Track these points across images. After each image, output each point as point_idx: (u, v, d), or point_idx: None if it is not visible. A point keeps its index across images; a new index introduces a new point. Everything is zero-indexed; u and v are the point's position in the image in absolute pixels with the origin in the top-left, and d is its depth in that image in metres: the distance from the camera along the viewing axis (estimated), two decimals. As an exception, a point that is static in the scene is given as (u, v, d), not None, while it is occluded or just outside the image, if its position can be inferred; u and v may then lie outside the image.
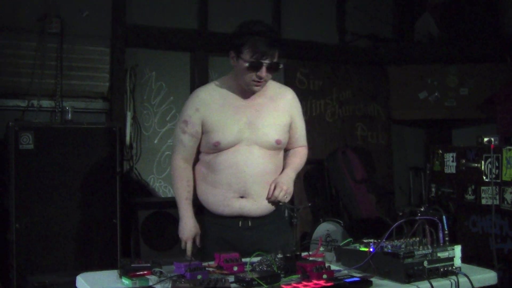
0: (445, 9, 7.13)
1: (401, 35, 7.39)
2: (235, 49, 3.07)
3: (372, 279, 2.34)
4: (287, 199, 3.12)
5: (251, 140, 3.12)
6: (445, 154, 4.77)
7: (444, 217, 2.58)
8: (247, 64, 3.02)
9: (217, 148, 3.12)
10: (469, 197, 4.53)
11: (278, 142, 3.17)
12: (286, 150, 3.37)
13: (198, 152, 3.25)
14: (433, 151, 4.97)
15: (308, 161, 3.32)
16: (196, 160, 3.27)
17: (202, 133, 3.18)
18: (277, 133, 3.17)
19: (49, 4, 5.34)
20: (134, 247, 5.10)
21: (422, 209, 5.05)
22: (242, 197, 3.12)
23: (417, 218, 2.50)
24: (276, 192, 3.07)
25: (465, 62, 6.91)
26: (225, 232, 3.16)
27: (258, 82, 3.08)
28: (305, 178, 6.48)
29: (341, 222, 5.74)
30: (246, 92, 3.17)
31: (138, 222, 5.11)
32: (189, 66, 6.13)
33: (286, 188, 3.10)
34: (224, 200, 3.13)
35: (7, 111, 5.25)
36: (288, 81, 6.39)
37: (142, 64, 5.89)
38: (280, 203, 3.06)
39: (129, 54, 5.78)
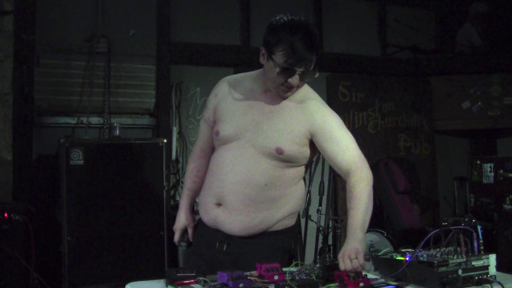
0: (487, 18, 7.10)
1: (443, 46, 7.37)
2: (267, 47, 2.61)
3: (407, 287, 2.41)
4: (358, 269, 2.41)
5: (250, 140, 2.68)
6: (483, 165, 4.77)
7: (479, 227, 2.63)
8: (277, 69, 2.57)
9: (217, 140, 2.79)
10: (507, 206, 4.52)
11: (279, 151, 2.64)
12: (337, 172, 2.75)
13: None
14: (471, 161, 4.96)
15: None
16: None
17: (214, 121, 2.84)
18: (282, 140, 2.65)
19: (97, 25, 5.52)
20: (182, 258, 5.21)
21: (466, 219, 5.08)
22: (219, 204, 2.75)
23: (452, 228, 2.54)
24: (342, 264, 2.42)
25: (508, 71, 6.86)
26: (203, 248, 2.89)
27: (288, 88, 2.65)
28: (349, 189, 6.48)
29: (385, 232, 5.77)
30: (269, 91, 2.73)
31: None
32: (232, 81, 6.20)
33: (354, 254, 2.42)
34: (205, 204, 2.82)
35: (58, 128, 5.41)
36: (330, 95, 6.43)
37: (187, 81, 6.01)
38: (352, 275, 2.34)
39: (174, 71, 5.92)
